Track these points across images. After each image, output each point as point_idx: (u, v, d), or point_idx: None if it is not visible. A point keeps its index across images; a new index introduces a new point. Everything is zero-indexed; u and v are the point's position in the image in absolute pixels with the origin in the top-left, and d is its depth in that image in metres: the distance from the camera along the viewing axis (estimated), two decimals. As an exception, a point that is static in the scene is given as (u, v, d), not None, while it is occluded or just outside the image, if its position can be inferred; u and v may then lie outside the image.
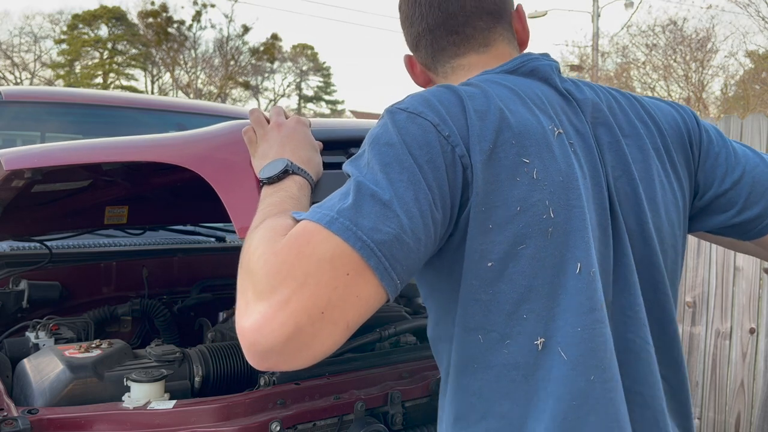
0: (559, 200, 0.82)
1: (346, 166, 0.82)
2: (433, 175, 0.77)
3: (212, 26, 38.04)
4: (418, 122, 0.80)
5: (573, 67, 16.96)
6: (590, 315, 0.81)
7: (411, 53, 1.08)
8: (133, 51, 32.36)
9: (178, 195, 1.90)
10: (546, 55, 1.00)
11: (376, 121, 0.88)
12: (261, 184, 0.98)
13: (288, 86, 37.04)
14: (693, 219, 1.05)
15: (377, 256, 0.70)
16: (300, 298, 0.67)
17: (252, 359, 0.70)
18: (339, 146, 1.16)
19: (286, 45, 36.62)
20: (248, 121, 1.13)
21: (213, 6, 31.54)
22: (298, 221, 0.75)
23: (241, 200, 1.02)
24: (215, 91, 29.95)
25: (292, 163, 0.98)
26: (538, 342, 0.81)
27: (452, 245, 0.82)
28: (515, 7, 1.05)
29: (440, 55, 1.02)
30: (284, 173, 0.96)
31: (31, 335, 1.57)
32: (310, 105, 39.45)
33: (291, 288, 0.67)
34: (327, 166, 1.07)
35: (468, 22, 0.99)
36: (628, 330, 0.87)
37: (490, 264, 0.81)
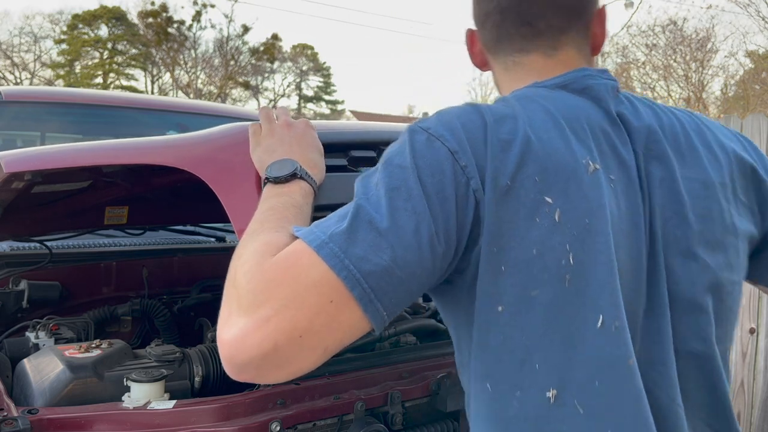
0: (582, 245, 0.76)
1: (357, 183, 0.79)
2: (440, 206, 0.73)
3: (212, 26, 37.99)
4: (436, 147, 0.76)
5: (573, 67, 16.95)
6: (610, 370, 0.76)
7: (474, 28, 1.00)
8: (133, 51, 32.37)
9: (179, 195, 1.90)
10: (604, 72, 0.91)
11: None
12: (265, 180, 0.96)
13: (288, 86, 37.07)
14: (760, 265, 0.97)
15: (362, 287, 0.68)
16: (280, 320, 0.67)
17: (230, 371, 0.70)
18: (338, 149, 1.16)
19: (286, 45, 36.65)
20: (246, 123, 1.14)
21: (213, 6, 31.52)
22: (295, 238, 0.74)
23: (241, 202, 1.03)
24: (215, 91, 29.95)
25: (301, 167, 0.96)
26: (550, 394, 0.76)
27: (466, 281, 0.78)
28: (599, 7, 0.95)
29: (505, 42, 0.94)
30: (292, 176, 0.94)
31: (31, 335, 1.57)
32: (310, 105, 39.48)
33: (273, 308, 0.67)
34: (327, 168, 1.08)
35: (543, 14, 0.91)
36: (655, 386, 0.80)
37: (500, 308, 0.76)
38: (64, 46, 31.46)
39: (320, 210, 0.93)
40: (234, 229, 1.01)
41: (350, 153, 1.15)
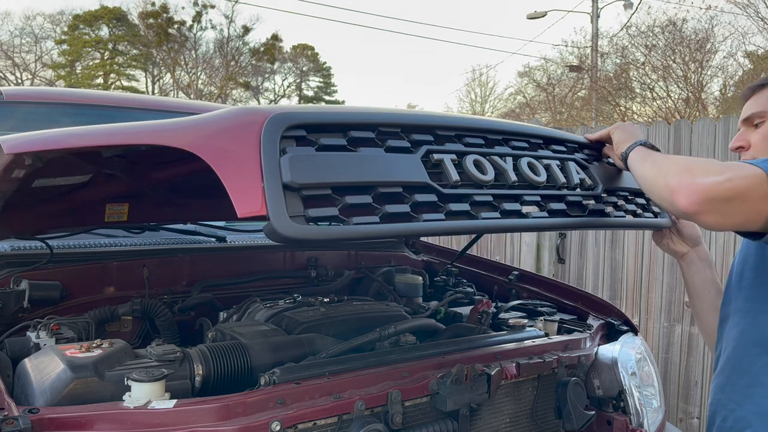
0: None
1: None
2: None
3: (212, 27, 37.87)
4: None
5: (572, 68, 16.94)
6: None
7: None
8: (134, 52, 32.37)
9: (179, 192, 1.90)
10: None
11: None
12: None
13: (288, 87, 37.07)
14: None
15: None
16: (738, 182, 1.09)
17: (690, 206, 1.10)
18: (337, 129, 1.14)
19: (287, 45, 36.59)
20: (250, 107, 1.14)
21: (213, 7, 31.49)
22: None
23: (243, 183, 1.00)
24: (216, 91, 29.94)
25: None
26: None
27: None
28: None
29: None
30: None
31: (32, 335, 1.58)
32: (310, 105, 39.37)
33: (733, 174, 1.10)
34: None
35: None
36: None
37: None
38: (64, 46, 31.45)
39: None
40: (236, 211, 0.98)
41: (350, 134, 1.12)
